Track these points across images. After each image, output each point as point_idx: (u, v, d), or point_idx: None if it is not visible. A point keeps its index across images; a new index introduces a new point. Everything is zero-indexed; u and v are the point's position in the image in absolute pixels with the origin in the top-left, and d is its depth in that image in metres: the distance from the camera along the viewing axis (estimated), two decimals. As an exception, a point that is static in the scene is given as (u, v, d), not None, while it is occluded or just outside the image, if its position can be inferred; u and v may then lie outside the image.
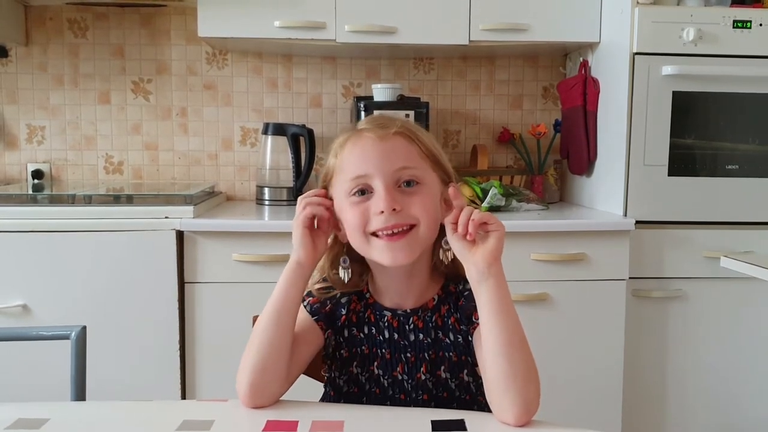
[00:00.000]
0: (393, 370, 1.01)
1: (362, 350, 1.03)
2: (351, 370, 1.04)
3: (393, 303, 1.03)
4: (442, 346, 1.00)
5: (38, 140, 2.55)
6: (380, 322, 1.02)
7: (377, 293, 1.04)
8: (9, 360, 1.88)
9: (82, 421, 0.92)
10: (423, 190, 0.94)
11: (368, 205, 0.93)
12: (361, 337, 1.03)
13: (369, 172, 0.93)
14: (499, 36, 2.26)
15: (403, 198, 0.93)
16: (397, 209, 0.91)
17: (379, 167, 0.93)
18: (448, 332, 1.00)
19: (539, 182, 2.54)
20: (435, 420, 0.88)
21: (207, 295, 1.99)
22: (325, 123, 2.61)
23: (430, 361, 1.00)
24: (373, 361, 1.03)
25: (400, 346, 1.01)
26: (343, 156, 0.97)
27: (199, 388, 2.01)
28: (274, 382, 0.95)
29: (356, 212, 0.94)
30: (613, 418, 2.09)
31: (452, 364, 1.00)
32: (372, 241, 0.94)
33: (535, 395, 0.88)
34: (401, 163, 0.93)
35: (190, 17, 2.48)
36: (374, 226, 0.93)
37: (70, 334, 1.24)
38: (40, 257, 1.94)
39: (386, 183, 0.92)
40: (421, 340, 1.01)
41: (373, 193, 0.93)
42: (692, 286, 2.12)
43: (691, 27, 2.04)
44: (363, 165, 0.94)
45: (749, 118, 2.11)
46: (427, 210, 0.93)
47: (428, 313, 1.01)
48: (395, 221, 0.92)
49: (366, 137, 0.95)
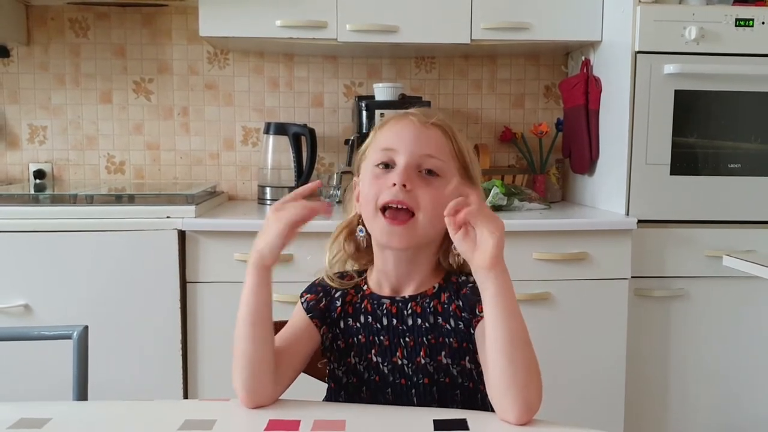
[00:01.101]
0: (392, 356, 1.02)
1: (359, 339, 1.04)
2: (348, 361, 1.05)
3: (392, 291, 1.05)
4: (442, 331, 1.01)
5: (40, 140, 2.55)
6: (378, 310, 1.04)
7: (376, 284, 1.06)
8: (11, 360, 1.88)
9: (84, 420, 0.92)
10: (439, 184, 0.98)
11: (387, 179, 0.97)
12: (357, 326, 1.05)
13: (397, 148, 0.98)
14: (500, 35, 2.26)
15: (418, 182, 0.97)
16: (408, 187, 0.96)
17: (408, 146, 0.98)
18: (449, 318, 1.01)
19: (541, 181, 2.54)
20: (437, 419, 0.88)
21: (209, 295, 1.99)
22: (326, 122, 2.62)
23: (430, 346, 1.01)
24: (371, 349, 1.04)
25: (398, 331, 1.02)
26: (382, 132, 1.03)
27: (201, 388, 2.01)
28: (266, 384, 0.95)
29: (374, 184, 0.99)
30: (615, 417, 2.09)
31: (453, 350, 1.01)
32: (378, 217, 0.98)
33: (537, 395, 0.88)
34: (429, 151, 0.99)
35: (192, 17, 2.48)
36: (383, 198, 0.97)
37: (72, 333, 1.24)
38: (42, 257, 1.94)
39: (408, 161, 0.97)
40: (419, 325, 1.02)
41: (394, 168, 0.98)
42: (694, 285, 2.12)
43: (693, 25, 2.04)
44: (395, 140, 1.00)
45: (751, 117, 2.11)
46: (433, 203, 0.96)
47: (427, 299, 1.02)
48: (402, 198, 0.96)
49: (407, 119, 1.01)
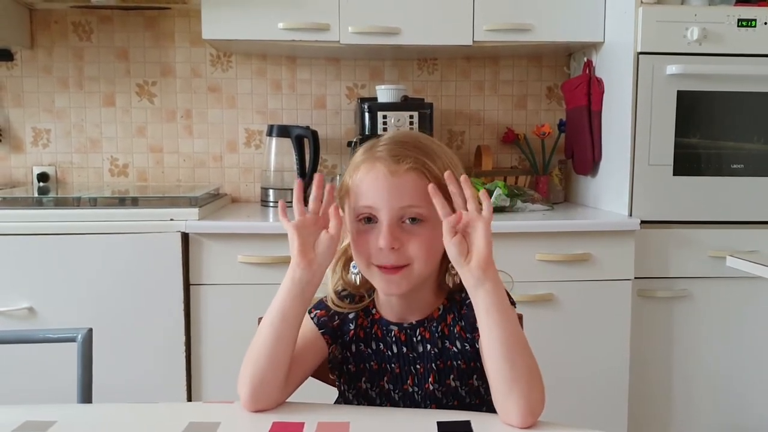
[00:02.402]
0: (403, 384, 1.02)
1: (371, 366, 1.04)
2: (359, 386, 1.05)
3: (398, 318, 1.04)
4: (449, 355, 1.01)
5: (43, 143, 2.56)
6: (387, 337, 1.04)
7: (383, 309, 1.06)
8: (16, 362, 1.89)
9: (88, 423, 0.93)
10: (425, 229, 0.96)
11: (373, 237, 0.96)
12: (369, 353, 1.04)
13: (375, 205, 0.96)
14: (502, 36, 2.26)
15: (403, 235, 0.96)
16: (396, 248, 0.95)
17: (386, 202, 0.95)
18: (455, 341, 1.01)
19: (544, 182, 2.54)
20: (441, 421, 0.88)
21: (212, 297, 2.00)
22: (329, 124, 2.62)
23: (438, 371, 1.01)
24: (383, 376, 1.03)
25: (409, 358, 1.02)
26: (356, 179, 0.99)
27: (205, 390, 2.01)
28: (273, 391, 0.95)
29: (362, 243, 0.98)
30: (618, 417, 2.09)
31: (461, 371, 1.01)
32: (373, 269, 0.98)
33: (539, 397, 0.88)
34: (408, 201, 0.95)
35: (194, 20, 2.49)
36: (375, 260, 0.97)
37: (77, 336, 1.24)
38: (46, 260, 1.95)
39: (390, 219, 0.95)
40: (428, 351, 1.01)
41: (378, 224, 0.96)
42: (698, 285, 2.12)
43: (695, 26, 2.04)
44: (372, 196, 0.96)
45: (754, 117, 2.11)
46: (424, 250, 0.96)
47: (434, 323, 1.02)
48: (393, 261, 0.96)
49: (377, 170, 0.96)
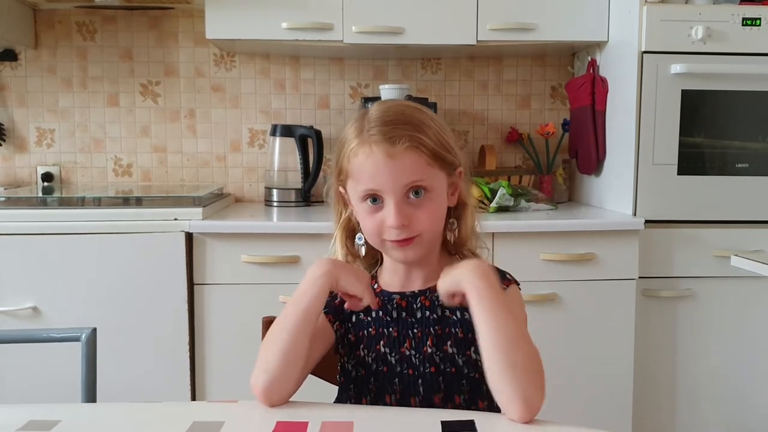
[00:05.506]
0: (401, 346, 1.06)
1: (368, 332, 1.08)
2: (358, 353, 1.08)
3: (401, 286, 1.09)
4: (448, 322, 1.05)
5: (48, 143, 2.56)
6: (388, 304, 1.07)
7: (386, 282, 1.10)
8: (20, 362, 1.90)
9: (92, 422, 0.93)
10: (429, 199, 1.02)
11: (382, 216, 1.01)
12: (368, 320, 1.08)
13: (381, 188, 1.00)
14: (506, 36, 2.26)
15: (410, 210, 1.01)
16: (406, 224, 1.00)
17: (390, 184, 0.99)
18: (455, 310, 1.04)
19: (548, 182, 2.53)
20: (445, 420, 0.88)
21: (216, 297, 2.00)
22: (332, 124, 2.62)
23: (436, 336, 1.04)
24: (380, 340, 1.07)
25: (407, 323, 1.06)
26: (356, 164, 1.01)
27: (209, 390, 2.01)
28: (290, 384, 0.96)
29: (372, 222, 1.02)
30: (623, 417, 2.08)
31: (458, 339, 1.04)
32: (386, 244, 1.04)
33: (536, 390, 0.87)
34: (410, 179, 1.00)
35: (198, 19, 2.49)
36: (387, 236, 1.02)
37: (81, 336, 1.24)
38: (50, 260, 1.95)
39: (396, 199, 1.00)
40: (427, 317, 1.05)
41: (384, 202, 1.01)
42: (702, 285, 2.11)
43: (699, 25, 2.03)
44: (375, 180, 1.00)
45: (759, 117, 2.10)
46: (432, 219, 1.02)
47: (435, 293, 1.04)
48: (405, 236, 1.01)
49: (377, 153, 0.99)
